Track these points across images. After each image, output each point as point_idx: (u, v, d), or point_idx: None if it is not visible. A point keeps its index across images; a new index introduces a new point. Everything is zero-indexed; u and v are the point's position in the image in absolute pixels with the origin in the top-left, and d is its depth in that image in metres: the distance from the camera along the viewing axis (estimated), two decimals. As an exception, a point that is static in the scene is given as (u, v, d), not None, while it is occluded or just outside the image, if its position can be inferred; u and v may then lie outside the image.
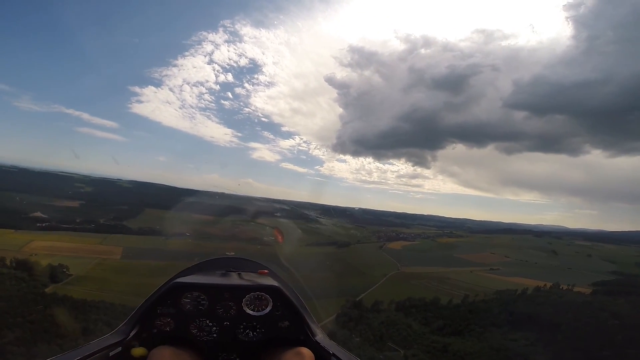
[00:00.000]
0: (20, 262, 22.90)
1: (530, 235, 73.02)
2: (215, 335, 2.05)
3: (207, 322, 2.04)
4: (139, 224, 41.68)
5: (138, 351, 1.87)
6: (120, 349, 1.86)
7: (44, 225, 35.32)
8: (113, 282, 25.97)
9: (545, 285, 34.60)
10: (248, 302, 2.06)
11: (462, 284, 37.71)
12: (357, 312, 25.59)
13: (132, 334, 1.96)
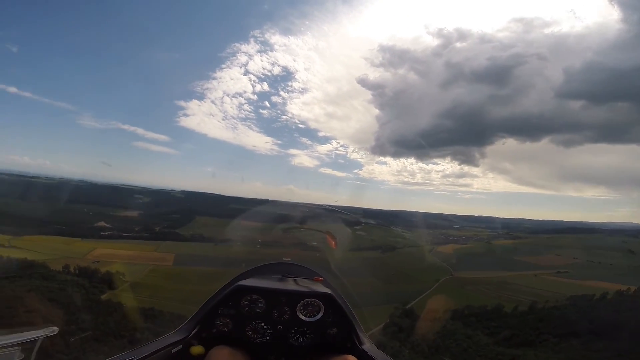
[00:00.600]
0: (82, 269, 24.72)
1: (601, 234, 65.20)
2: (268, 337, 2.11)
3: (262, 324, 2.12)
4: (189, 231, 43.59)
5: (196, 349, 1.96)
6: (181, 346, 1.96)
7: (106, 234, 38.22)
8: (164, 288, 27.04)
9: (628, 289, 30.08)
10: (301, 308, 2.12)
11: (526, 289, 34.19)
12: (409, 322, 23.88)
13: (193, 332, 2.05)
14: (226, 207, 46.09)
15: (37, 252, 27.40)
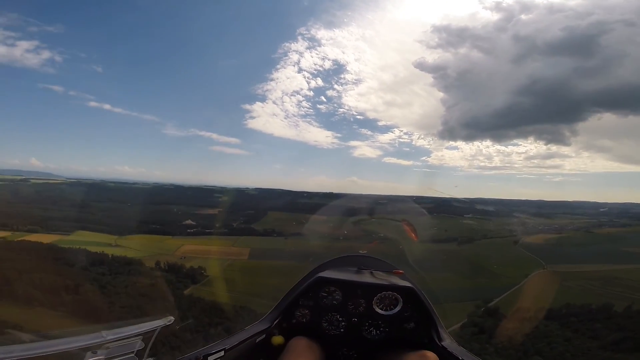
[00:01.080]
0: (170, 265, 27.65)
1: None
2: (342, 330, 2.12)
3: (338, 316, 2.13)
4: (263, 225, 45.85)
5: (277, 339, 2.02)
6: (264, 336, 2.02)
7: (192, 231, 42.45)
8: (239, 282, 28.72)
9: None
10: (378, 301, 2.11)
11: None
12: (492, 322, 21.47)
13: (275, 322, 2.10)
14: (295, 202, 47.60)
15: (136, 250, 31.74)
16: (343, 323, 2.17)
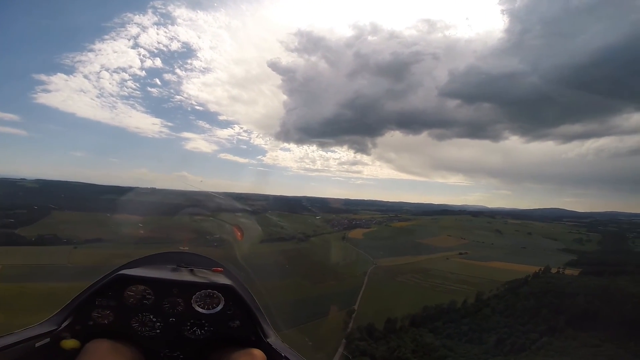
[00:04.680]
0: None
1: (466, 215, 75.70)
2: (158, 331, 1.91)
3: (151, 317, 1.90)
4: (37, 231, 32.25)
5: (69, 343, 1.73)
6: (48, 340, 1.72)
7: None
8: None
9: (540, 270, 32.22)
10: (198, 300, 1.93)
11: (451, 275, 33.47)
12: (374, 345, 17.94)
13: (63, 325, 1.81)
14: (98, 199, 36.93)
15: None
16: (159, 324, 1.86)
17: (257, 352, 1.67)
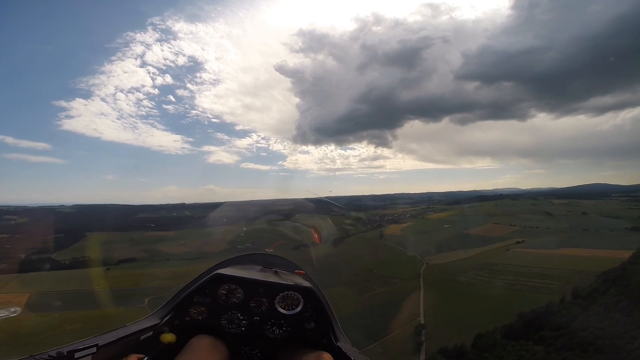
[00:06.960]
0: None
1: (506, 199, 69.49)
2: (243, 328, 2.01)
3: (239, 315, 2.01)
4: (72, 254, 32.87)
5: (167, 337, 1.81)
6: (151, 333, 1.82)
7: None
8: None
9: (623, 255, 26.74)
10: (280, 300, 2.01)
11: (523, 269, 28.42)
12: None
13: (165, 319, 1.92)
14: (132, 218, 38.45)
15: None
16: (244, 322, 1.97)
17: (326, 355, 1.63)
